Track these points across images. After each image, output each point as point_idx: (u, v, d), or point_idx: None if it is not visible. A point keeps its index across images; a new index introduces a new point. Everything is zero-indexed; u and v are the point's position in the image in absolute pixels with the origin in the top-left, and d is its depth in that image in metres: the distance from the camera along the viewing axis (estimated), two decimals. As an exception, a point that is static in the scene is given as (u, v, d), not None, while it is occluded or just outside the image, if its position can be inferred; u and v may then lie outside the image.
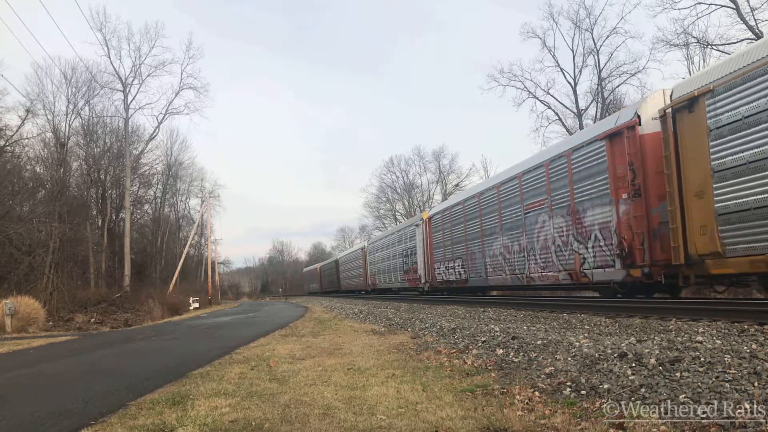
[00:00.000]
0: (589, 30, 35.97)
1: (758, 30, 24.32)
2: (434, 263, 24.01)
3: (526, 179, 15.47)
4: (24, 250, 24.98)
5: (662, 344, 5.55)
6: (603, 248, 12.07)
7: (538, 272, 14.95)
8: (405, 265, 29.65)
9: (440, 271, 23.17)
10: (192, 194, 64.86)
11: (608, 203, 11.78)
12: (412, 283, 28.37)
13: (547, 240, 14.40)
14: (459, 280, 20.98)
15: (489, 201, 18.20)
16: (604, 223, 12.01)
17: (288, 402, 4.91)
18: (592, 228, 12.42)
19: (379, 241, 37.85)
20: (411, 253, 28.19)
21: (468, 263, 19.94)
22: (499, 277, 17.40)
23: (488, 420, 3.93)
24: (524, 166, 15.99)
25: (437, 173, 67.75)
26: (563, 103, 38.41)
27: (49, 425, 4.58)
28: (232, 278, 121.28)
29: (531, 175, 15.26)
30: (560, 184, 13.67)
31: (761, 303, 9.03)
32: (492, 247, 17.78)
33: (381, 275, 36.15)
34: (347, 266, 51.78)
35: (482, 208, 18.65)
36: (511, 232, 16.39)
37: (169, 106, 42.19)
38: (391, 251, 32.93)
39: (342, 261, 55.81)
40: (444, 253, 22.65)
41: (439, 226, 23.47)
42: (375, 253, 38.22)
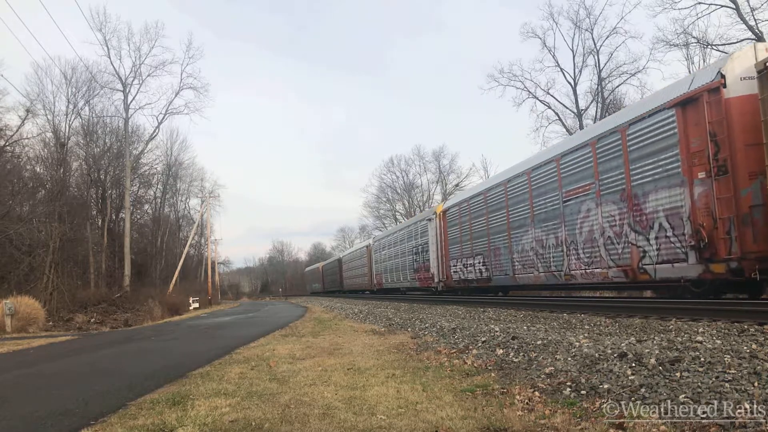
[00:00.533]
0: (589, 30, 36.03)
1: (758, 30, 24.34)
2: (450, 261, 22.11)
3: (567, 162, 13.46)
4: (24, 250, 24.99)
5: (662, 344, 5.55)
6: (671, 239, 10.23)
7: (581, 269, 13.01)
8: (415, 263, 27.57)
9: (457, 269, 21.27)
10: (192, 194, 64.93)
11: (678, 185, 9.95)
12: (423, 282, 26.37)
13: (593, 231, 12.47)
14: (480, 279, 19.09)
15: (517, 189, 16.21)
16: (672, 208, 10.14)
17: (288, 402, 4.91)
18: (655, 215, 10.57)
19: (386, 238, 35.57)
20: (422, 250, 26.15)
21: (491, 260, 18.05)
22: (530, 275, 15.51)
23: (488, 420, 3.93)
24: (563, 147, 14.17)
25: (437, 173, 67.86)
26: (563, 103, 38.47)
27: (49, 425, 4.58)
28: (232, 278, 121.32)
29: (572, 158, 13.24)
30: (612, 165, 11.76)
31: (761, 303, 9.02)
32: (521, 242, 15.93)
33: (388, 274, 34.03)
34: (350, 265, 50.04)
35: (509, 197, 16.68)
36: (546, 223, 14.49)
37: (169, 106, 42.19)
38: (400, 248, 30.81)
39: (345, 260, 54.19)
40: (461, 250, 20.70)
41: (455, 220, 21.49)
42: (381, 251, 36.14)
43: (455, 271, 21.51)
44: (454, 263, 21.63)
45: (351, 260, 50.15)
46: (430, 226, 24.70)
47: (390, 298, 28.98)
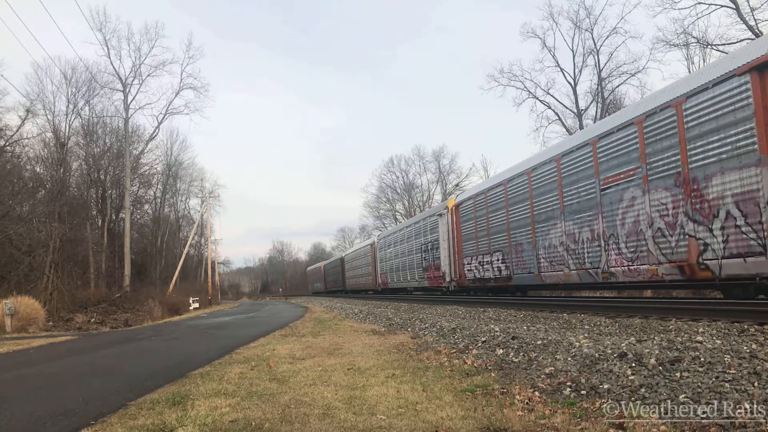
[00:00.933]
0: (589, 30, 35.98)
1: (758, 30, 24.32)
2: (464, 258, 20.45)
3: (605, 146, 12.04)
4: (24, 250, 24.99)
5: (662, 344, 5.55)
6: (742, 229, 8.80)
7: (623, 265, 11.57)
8: (424, 262, 25.87)
9: (471, 267, 19.72)
10: (192, 194, 64.99)
11: (753, 164, 8.52)
12: (433, 282, 24.83)
13: (638, 222, 11.02)
14: (499, 278, 17.59)
15: (544, 178, 14.65)
16: (744, 193, 8.69)
17: (288, 402, 4.91)
18: (720, 201, 9.16)
19: (392, 236, 33.64)
20: (432, 247, 24.46)
21: (511, 257, 16.56)
22: (559, 273, 14.02)
23: (488, 420, 3.93)
24: (599, 129, 12.69)
25: (437, 173, 67.85)
26: (563, 103, 38.43)
27: (49, 425, 4.58)
28: (232, 278, 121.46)
29: (612, 140, 11.83)
30: (663, 146, 10.40)
31: (761, 303, 9.02)
32: (548, 236, 14.43)
33: (393, 273, 32.28)
34: (353, 264, 48.36)
35: (534, 188, 15.13)
36: (579, 215, 13.03)
37: (169, 106, 42.21)
38: (407, 246, 29.12)
39: (348, 259, 52.56)
40: (477, 246, 19.17)
41: (470, 215, 19.92)
42: (386, 249, 34.34)
43: (469, 270, 19.95)
44: (469, 261, 20.02)
45: (354, 259, 48.56)
46: (441, 222, 23.07)
47: (393, 298, 28.36)
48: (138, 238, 46.78)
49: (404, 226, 31.45)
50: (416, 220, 28.97)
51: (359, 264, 45.16)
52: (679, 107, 10.06)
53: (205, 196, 57.59)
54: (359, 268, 45.17)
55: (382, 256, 35.62)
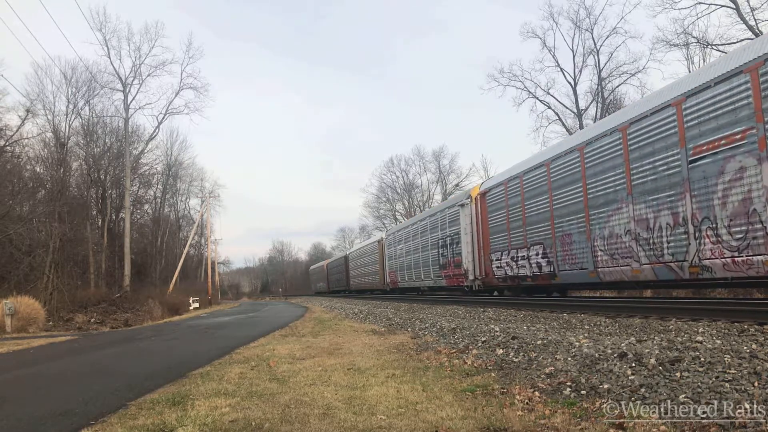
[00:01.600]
0: (589, 30, 35.99)
1: (758, 30, 24.32)
2: (491, 254, 18.06)
3: (698, 106, 9.63)
4: (24, 250, 24.99)
5: (662, 344, 5.55)
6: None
7: (724, 256, 9.16)
8: (441, 258, 23.35)
9: (501, 263, 17.40)
10: (192, 194, 65.01)
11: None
12: (452, 280, 22.25)
13: (749, 200, 8.67)
14: (538, 275, 15.28)
15: (602, 155, 12.23)
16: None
17: (288, 402, 4.91)
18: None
19: (403, 231, 30.97)
20: (452, 242, 21.94)
21: (556, 250, 14.23)
22: (625, 267, 11.59)
23: (488, 420, 3.93)
24: (688, 84, 10.10)
25: (437, 173, 67.83)
26: (563, 103, 38.44)
27: (49, 425, 4.58)
28: (232, 278, 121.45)
29: (708, 97, 9.41)
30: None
31: (761, 303, 9.03)
32: (608, 224, 12.07)
33: (404, 272, 29.76)
34: (359, 262, 45.59)
35: (588, 167, 12.71)
36: (655, 195, 10.66)
37: (169, 106, 42.21)
38: (420, 242, 26.58)
39: (352, 257, 49.65)
40: (509, 240, 16.82)
41: (499, 203, 17.53)
42: (396, 246, 31.67)
43: (499, 267, 17.59)
44: (498, 256, 17.64)
45: (359, 257, 45.65)
46: (463, 213, 20.53)
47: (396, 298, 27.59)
48: (138, 238, 46.78)
49: (417, 220, 28.63)
50: (432, 212, 26.26)
51: (365, 262, 42.55)
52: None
53: (205, 196, 57.72)
54: (365, 267, 42.62)
55: (391, 253, 33.16)
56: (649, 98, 11.82)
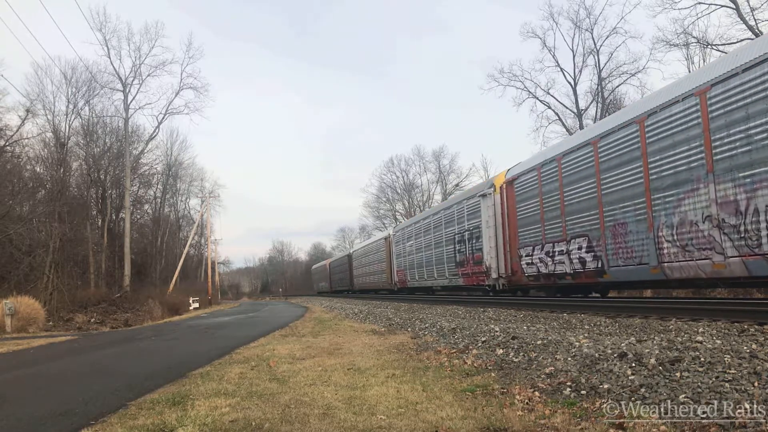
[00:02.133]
0: (589, 30, 36.01)
1: (758, 30, 24.32)
2: (519, 249, 16.22)
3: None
4: (24, 250, 24.99)
5: (662, 344, 5.55)
6: None
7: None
8: (458, 255, 21.37)
9: (533, 260, 15.45)
10: (192, 194, 65.06)
11: None
12: (471, 279, 20.27)
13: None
14: (581, 272, 13.29)
15: (670, 127, 10.39)
16: None
17: (288, 402, 4.91)
18: None
19: (413, 226, 28.70)
20: (470, 237, 19.95)
21: (605, 243, 12.25)
22: (704, 261, 9.67)
23: (488, 420, 3.93)
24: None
25: (437, 173, 67.87)
26: (563, 103, 38.45)
27: (49, 425, 4.58)
28: (232, 278, 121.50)
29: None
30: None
31: (761, 303, 9.03)
32: (679, 209, 10.21)
33: (415, 270, 27.66)
34: (363, 261, 43.27)
35: (649, 143, 10.91)
36: (749, 172, 8.71)
37: (169, 106, 42.25)
38: (433, 238, 24.57)
39: (356, 255, 47.43)
40: (543, 232, 14.89)
41: (531, 191, 15.60)
42: (405, 243, 29.47)
43: (530, 264, 15.68)
44: (528, 252, 15.76)
45: (364, 255, 43.30)
46: (485, 205, 18.53)
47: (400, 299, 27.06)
48: (138, 238, 46.79)
49: (430, 214, 26.44)
50: (447, 205, 24.10)
51: (371, 260, 40.28)
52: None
53: (205, 196, 57.77)
54: (371, 265, 40.35)
55: (399, 251, 31.02)
56: (735, 54, 9.74)
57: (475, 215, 19.64)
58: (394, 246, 32.24)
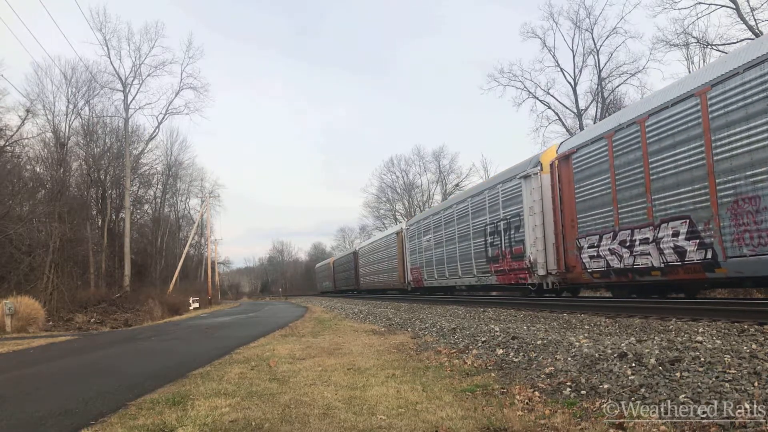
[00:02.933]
0: (589, 30, 36.04)
1: (758, 30, 24.32)
2: (579, 239, 13.31)
3: None
4: (24, 250, 24.99)
5: (662, 344, 5.55)
6: None
7: None
8: (490, 249, 18.33)
9: (601, 250, 12.50)
10: (192, 194, 65.04)
11: None
12: (507, 277, 17.46)
13: None
14: (678, 266, 10.42)
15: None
16: None
17: (288, 402, 4.91)
18: None
19: (430, 218, 25.64)
20: (507, 227, 17.03)
21: (720, 225, 9.37)
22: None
23: (488, 420, 3.93)
24: None
25: (437, 173, 67.85)
26: (563, 103, 38.48)
27: (49, 425, 4.58)
28: (232, 278, 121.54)
29: None
30: None
31: (761, 303, 9.02)
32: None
33: (433, 268, 24.61)
34: (371, 258, 40.38)
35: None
36: None
37: (169, 106, 42.31)
38: (456, 230, 21.66)
39: (363, 252, 44.43)
40: (616, 215, 11.90)
41: (598, 165, 12.56)
42: (420, 237, 26.75)
43: (595, 256, 12.79)
44: (592, 242, 12.83)
45: (371, 252, 40.30)
46: (528, 188, 15.66)
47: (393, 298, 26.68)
48: (138, 238, 46.81)
49: (453, 203, 23.17)
50: (476, 191, 20.62)
51: (379, 257, 37.22)
52: None
53: (205, 196, 57.74)
54: (379, 263, 37.30)
55: (413, 247, 28.18)
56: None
57: (513, 201, 16.74)
58: (408, 241, 29.23)
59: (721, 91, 9.42)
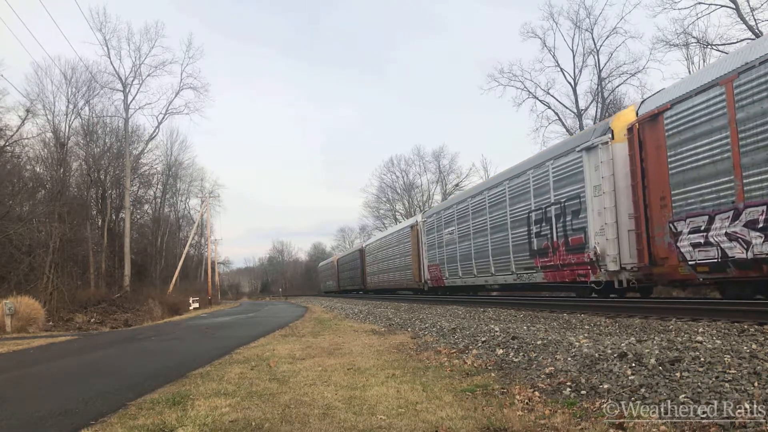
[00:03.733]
0: (589, 30, 36.02)
1: (758, 30, 24.33)
2: (674, 222, 10.35)
3: None
4: (24, 250, 24.99)
5: (662, 344, 5.55)
6: None
7: None
8: (536, 240, 15.38)
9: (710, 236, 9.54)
10: (192, 194, 65.04)
11: None
12: (559, 274, 14.43)
13: None
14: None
15: None
16: None
17: (288, 402, 4.91)
18: None
19: (454, 208, 22.21)
20: (563, 212, 13.96)
21: None
22: None
23: (488, 420, 3.93)
24: None
25: (437, 173, 67.80)
26: (563, 103, 38.46)
27: (49, 425, 4.58)
28: (232, 278, 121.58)
29: None
30: None
31: (761, 303, 9.02)
32: None
33: (457, 265, 21.58)
34: (380, 255, 37.42)
35: None
36: None
37: (169, 106, 42.27)
38: (489, 220, 18.53)
39: (371, 249, 41.06)
40: (740, 187, 8.93)
41: (708, 122, 9.55)
42: (442, 229, 23.40)
43: (699, 244, 9.83)
44: (697, 225, 9.88)
45: (381, 248, 37.25)
46: (592, 162, 12.67)
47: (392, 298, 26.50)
48: (138, 238, 46.79)
49: (485, 188, 19.57)
50: (515, 172, 17.06)
51: (390, 254, 34.16)
52: None
53: (205, 196, 57.71)
54: (390, 260, 34.22)
55: (431, 241, 25.16)
56: None
57: (570, 180, 13.68)
58: (425, 235, 25.99)
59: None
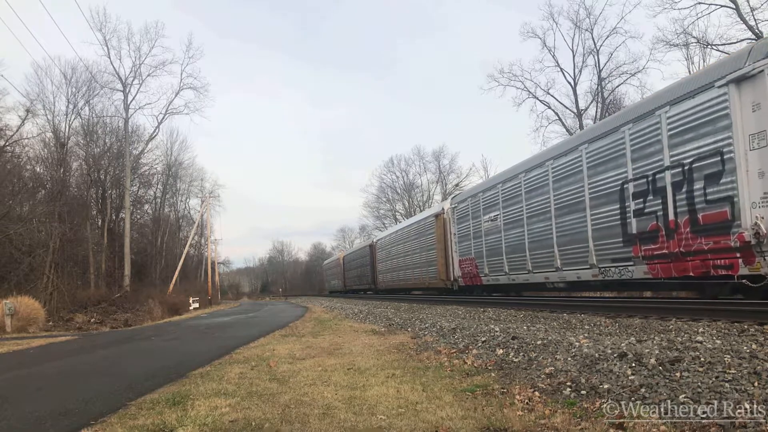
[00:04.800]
0: (589, 30, 36.04)
1: (758, 30, 24.33)
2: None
3: None
4: (24, 250, 24.99)
5: (662, 344, 5.55)
6: None
7: None
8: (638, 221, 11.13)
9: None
10: (192, 194, 65.07)
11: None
12: (679, 265, 10.16)
13: None
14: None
15: None
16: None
17: (288, 402, 4.91)
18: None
19: (499, 188, 17.78)
20: (685, 179, 9.83)
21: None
22: None
23: (488, 420, 3.93)
24: None
25: (437, 173, 67.75)
26: (563, 103, 38.48)
27: (49, 425, 4.58)
28: (232, 278, 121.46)
29: None
30: None
31: (761, 303, 9.02)
32: None
33: (502, 258, 17.32)
34: (393, 251, 32.75)
35: None
36: None
37: (169, 106, 42.27)
38: (552, 199, 14.37)
39: (382, 244, 36.31)
40: None
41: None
42: (481, 217, 19.03)
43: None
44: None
45: (396, 242, 32.33)
46: (748, 98, 8.55)
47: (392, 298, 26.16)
48: (138, 238, 46.78)
49: (543, 160, 15.25)
50: (597, 132, 12.79)
51: (407, 249, 29.39)
52: None
53: (205, 196, 57.73)
54: (406, 256, 29.57)
55: (464, 231, 20.74)
56: None
57: (701, 131, 9.49)
58: (456, 225, 21.66)
59: None
